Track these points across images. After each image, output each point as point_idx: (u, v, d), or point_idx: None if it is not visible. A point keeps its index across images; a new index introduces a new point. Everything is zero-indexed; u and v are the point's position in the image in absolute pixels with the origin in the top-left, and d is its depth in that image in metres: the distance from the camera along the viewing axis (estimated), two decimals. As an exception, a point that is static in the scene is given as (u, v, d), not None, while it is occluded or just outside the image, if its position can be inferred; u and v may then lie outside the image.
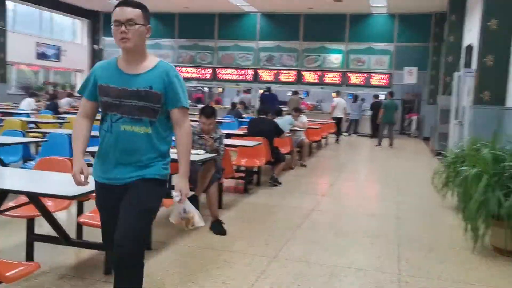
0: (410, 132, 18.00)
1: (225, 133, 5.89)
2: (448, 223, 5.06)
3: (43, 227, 3.36)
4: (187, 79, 18.95)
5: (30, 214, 3.16)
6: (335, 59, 17.46)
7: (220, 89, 18.57)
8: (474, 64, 9.95)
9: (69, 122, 8.02)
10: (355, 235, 4.46)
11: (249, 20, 18.05)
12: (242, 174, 6.13)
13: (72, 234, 3.43)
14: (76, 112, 2.55)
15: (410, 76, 16.53)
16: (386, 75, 16.91)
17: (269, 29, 17.94)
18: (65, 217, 4.27)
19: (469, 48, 10.35)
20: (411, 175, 8.42)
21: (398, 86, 18.39)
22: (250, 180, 6.67)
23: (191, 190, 2.59)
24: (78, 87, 19.17)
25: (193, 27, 18.45)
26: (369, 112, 16.11)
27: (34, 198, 2.88)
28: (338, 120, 13.95)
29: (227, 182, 6.04)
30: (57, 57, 17.66)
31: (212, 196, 4.30)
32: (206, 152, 4.39)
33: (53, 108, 11.06)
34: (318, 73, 17.50)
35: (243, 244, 3.92)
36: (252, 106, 16.06)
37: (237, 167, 6.18)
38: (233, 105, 12.84)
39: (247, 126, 6.91)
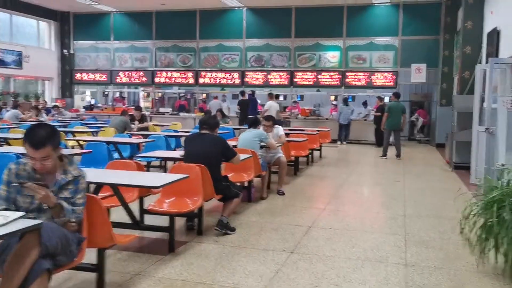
0: (416, 134, 15.83)
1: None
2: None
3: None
4: (167, 85, 16.96)
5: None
6: (332, 57, 15.30)
7: (204, 95, 16.49)
8: (504, 52, 7.76)
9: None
10: None
11: (234, 17, 15.98)
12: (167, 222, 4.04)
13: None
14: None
15: (418, 74, 14.34)
16: (391, 74, 14.70)
17: (256, 26, 15.86)
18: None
19: (494, 33, 8.15)
20: (428, 207, 6.21)
21: (405, 86, 16.25)
22: (191, 225, 4.55)
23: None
24: (46, 96, 17.48)
25: (171, 27, 16.44)
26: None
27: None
28: None
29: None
30: (19, 63, 15.70)
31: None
32: (32, 212, 2.26)
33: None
34: (313, 73, 15.34)
35: None
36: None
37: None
38: (208, 113, 10.72)
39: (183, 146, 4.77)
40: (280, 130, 6.75)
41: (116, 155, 6.85)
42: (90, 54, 17.46)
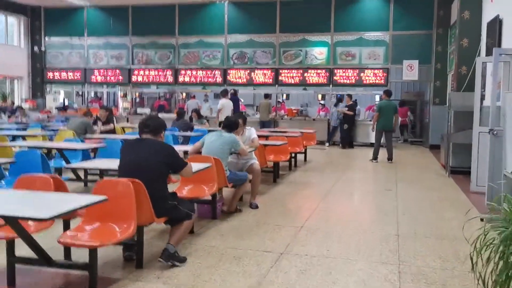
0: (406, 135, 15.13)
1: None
2: None
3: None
4: (144, 84, 15.97)
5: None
6: (319, 53, 14.40)
7: (184, 95, 15.51)
8: (507, 44, 6.92)
9: None
10: None
11: (216, 11, 15.02)
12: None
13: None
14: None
15: (410, 71, 13.51)
16: (382, 71, 13.84)
17: (239, 21, 14.92)
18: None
19: (495, 22, 7.29)
20: (425, 223, 5.31)
21: (397, 84, 15.45)
22: (129, 256, 3.61)
23: None
24: (15, 97, 16.35)
25: (149, 22, 15.43)
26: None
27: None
28: None
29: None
30: (-18, 61, 14.62)
31: None
32: None
33: None
34: (300, 71, 14.43)
35: None
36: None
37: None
38: (180, 113, 9.76)
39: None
40: (252, 132, 5.79)
41: (64, 163, 5.89)
42: (63, 51, 16.39)
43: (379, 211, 5.59)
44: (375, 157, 10.16)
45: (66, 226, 3.55)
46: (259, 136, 8.49)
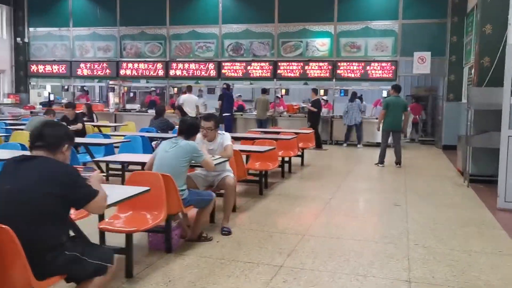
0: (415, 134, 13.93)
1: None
2: None
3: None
4: (133, 78, 14.86)
5: None
6: (321, 45, 13.17)
7: (175, 89, 14.36)
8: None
9: None
10: None
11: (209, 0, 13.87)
12: None
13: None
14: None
15: (421, 64, 12.23)
16: (390, 64, 12.57)
17: (235, 10, 13.72)
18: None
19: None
20: (447, 261, 4.13)
21: (406, 78, 14.19)
22: None
23: None
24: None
25: (138, 11, 14.29)
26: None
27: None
28: None
29: None
30: (-41, 54, 13.58)
31: None
32: None
33: None
34: (300, 64, 13.21)
35: None
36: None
37: None
38: (159, 111, 8.61)
39: None
40: (226, 138, 4.60)
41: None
42: (47, 42, 15.31)
43: (384, 239, 4.41)
44: (381, 161, 8.96)
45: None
46: (243, 139, 7.41)
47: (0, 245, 2.07)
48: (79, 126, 7.91)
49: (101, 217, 3.63)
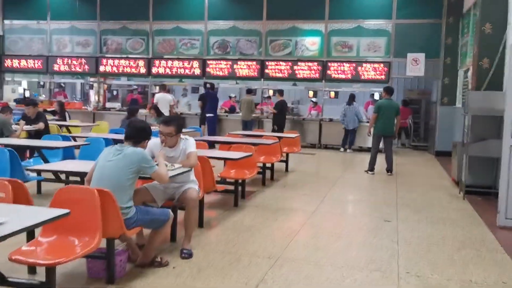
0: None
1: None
2: None
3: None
4: (114, 75, 14.14)
5: None
6: (311, 44, 12.56)
7: (157, 88, 13.65)
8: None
9: None
10: None
11: (195, -6, 13.20)
12: None
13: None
14: None
15: (415, 65, 11.70)
16: (382, 65, 12.00)
17: (221, 6, 13.08)
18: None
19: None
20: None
21: (399, 80, 13.62)
22: None
23: None
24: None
25: (120, 5, 13.58)
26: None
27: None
28: None
29: None
30: None
31: None
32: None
33: None
34: (289, 63, 12.59)
35: None
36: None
37: None
38: (131, 111, 7.93)
39: None
40: (190, 144, 3.94)
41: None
42: (23, 36, 14.53)
43: (370, 264, 3.78)
44: (371, 168, 8.37)
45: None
46: (220, 143, 6.76)
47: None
48: (40, 125, 7.20)
49: (31, 237, 2.99)
